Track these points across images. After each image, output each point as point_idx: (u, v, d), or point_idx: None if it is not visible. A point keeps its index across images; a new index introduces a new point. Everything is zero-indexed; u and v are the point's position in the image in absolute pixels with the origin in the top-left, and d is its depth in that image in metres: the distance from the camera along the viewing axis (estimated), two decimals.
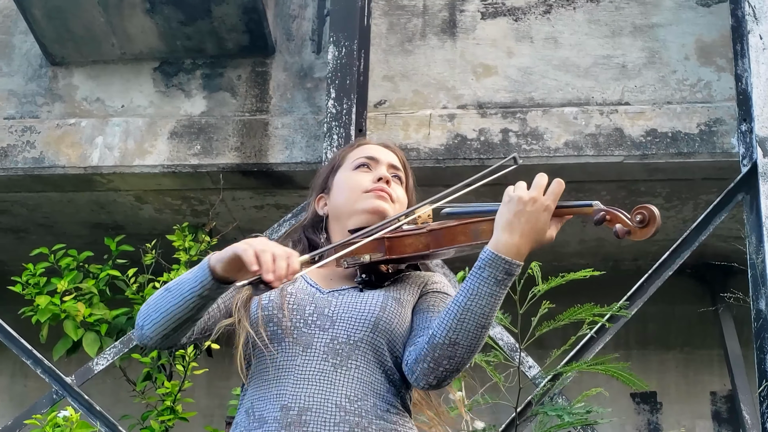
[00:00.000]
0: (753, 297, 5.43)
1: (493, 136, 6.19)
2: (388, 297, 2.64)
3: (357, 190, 2.82)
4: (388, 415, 2.54)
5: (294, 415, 2.46)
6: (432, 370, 2.47)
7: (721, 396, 8.03)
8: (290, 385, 2.51)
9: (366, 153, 2.93)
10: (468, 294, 2.40)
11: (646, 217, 2.43)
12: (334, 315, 2.60)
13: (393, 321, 2.60)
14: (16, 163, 6.53)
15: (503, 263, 2.38)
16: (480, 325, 2.42)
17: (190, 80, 6.65)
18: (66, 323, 6.38)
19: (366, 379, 2.54)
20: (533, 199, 2.41)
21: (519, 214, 2.40)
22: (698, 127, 6.12)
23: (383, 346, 2.58)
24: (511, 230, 2.39)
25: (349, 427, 2.46)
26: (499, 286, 2.40)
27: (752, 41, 5.77)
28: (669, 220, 6.90)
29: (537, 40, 6.50)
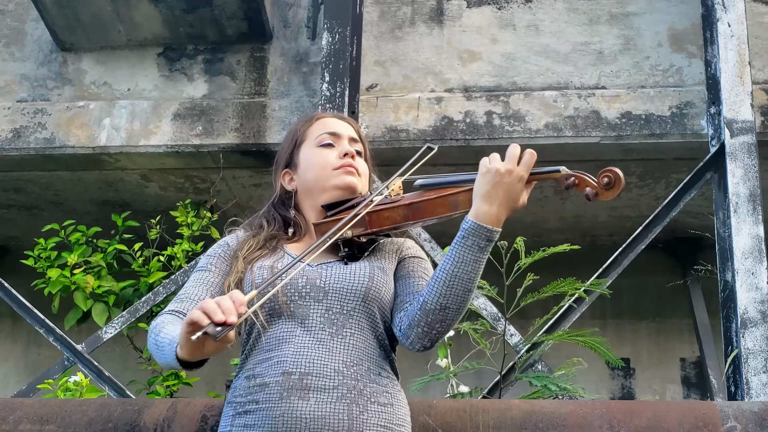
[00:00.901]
0: (720, 269, 5.47)
1: (478, 118, 6.22)
2: (374, 267, 2.71)
3: (326, 167, 2.86)
4: (380, 378, 2.61)
5: (295, 379, 2.52)
6: (426, 333, 2.57)
7: (690, 362, 8.08)
8: (291, 353, 2.56)
9: (327, 129, 2.94)
10: (454, 261, 2.49)
11: (612, 179, 2.49)
12: (326, 286, 2.65)
13: (381, 289, 2.68)
14: (28, 144, 6.54)
15: (485, 231, 2.47)
16: (467, 289, 2.52)
17: (192, 65, 6.67)
18: (76, 295, 6.40)
19: (360, 345, 2.61)
20: (509, 171, 2.48)
21: (497, 186, 2.48)
22: (670, 109, 6.15)
23: (375, 313, 2.66)
24: (490, 200, 2.48)
25: (347, 390, 2.52)
26: (482, 252, 2.49)
27: (721, 29, 5.80)
28: (642, 198, 6.94)
29: (519, 27, 6.53)
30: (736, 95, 5.68)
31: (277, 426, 2.49)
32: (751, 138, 5.58)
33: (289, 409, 2.49)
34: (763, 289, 5.27)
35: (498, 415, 3.17)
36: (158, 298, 5.95)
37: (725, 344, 5.38)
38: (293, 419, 2.48)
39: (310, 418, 2.47)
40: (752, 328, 5.21)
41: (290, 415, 2.48)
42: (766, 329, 5.20)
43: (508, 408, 3.23)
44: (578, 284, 4.56)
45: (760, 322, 5.21)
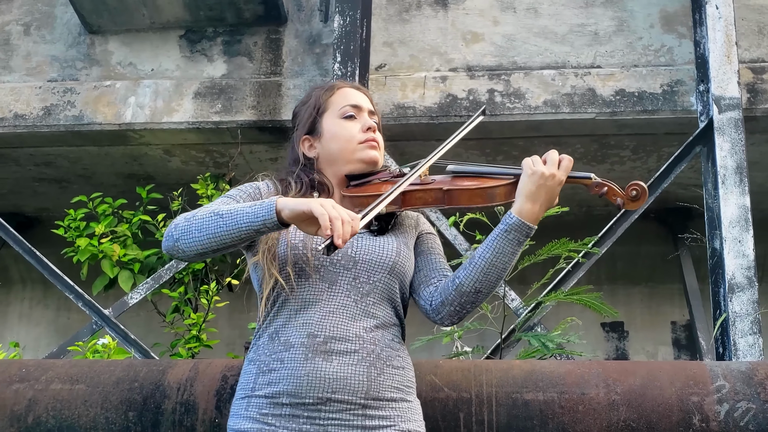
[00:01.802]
0: (709, 237, 5.47)
1: (481, 96, 6.21)
2: (401, 243, 2.73)
3: (352, 141, 2.83)
4: (393, 344, 2.65)
5: (320, 342, 2.54)
6: (457, 312, 2.69)
7: (681, 325, 8.08)
8: (317, 316, 2.58)
9: (349, 100, 2.90)
10: (494, 251, 2.59)
11: (639, 193, 2.57)
12: (357, 256, 2.65)
13: (406, 264, 2.72)
14: (58, 121, 6.54)
15: (527, 228, 2.58)
16: (500, 277, 2.63)
17: (212, 46, 6.65)
18: (103, 262, 6.42)
19: (379, 313, 2.64)
20: (552, 175, 2.57)
21: (540, 187, 2.56)
22: (661, 87, 6.13)
23: (396, 286, 2.69)
24: (534, 200, 2.57)
25: (366, 353, 2.55)
26: (520, 245, 2.59)
27: (709, 11, 5.78)
28: (635, 170, 6.92)
29: (519, 10, 6.50)
30: (723, 73, 5.67)
31: (302, 384, 2.50)
32: (738, 114, 5.57)
33: (314, 370, 2.51)
34: (749, 255, 5.27)
35: (500, 375, 3.17)
36: (180, 266, 5.97)
37: (714, 308, 5.38)
38: (317, 379, 2.50)
39: (333, 378, 2.50)
40: (739, 293, 5.21)
41: (314, 375, 2.50)
42: (752, 294, 5.19)
43: (509, 368, 3.23)
44: (571, 245, 4.56)
45: (747, 287, 5.21)
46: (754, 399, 3.03)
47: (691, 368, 3.18)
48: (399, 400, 2.58)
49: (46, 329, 8.70)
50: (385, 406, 2.54)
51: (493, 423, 3.05)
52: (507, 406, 3.08)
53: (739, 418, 3.01)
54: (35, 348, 8.45)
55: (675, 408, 3.03)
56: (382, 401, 2.53)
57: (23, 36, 6.90)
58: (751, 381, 3.09)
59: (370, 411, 2.51)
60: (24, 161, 7.19)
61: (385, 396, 2.54)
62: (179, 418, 3.18)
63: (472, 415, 3.06)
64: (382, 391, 2.53)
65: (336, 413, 2.49)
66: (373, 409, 2.52)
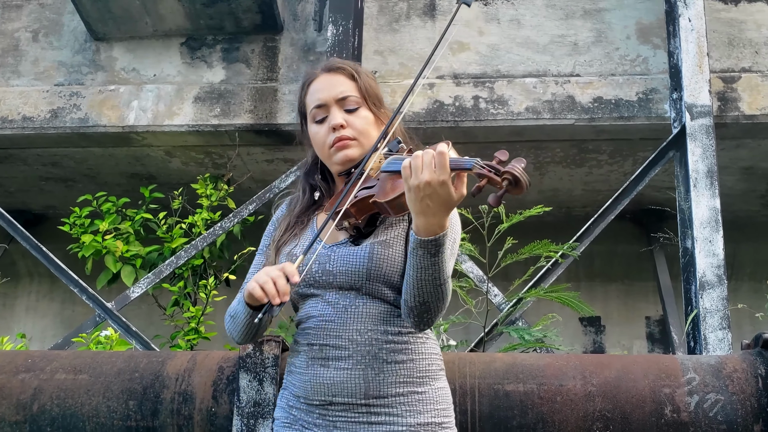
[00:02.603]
0: (681, 237, 5.48)
1: (466, 102, 6.21)
2: (374, 245, 2.60)
3: (324, 147, 2.73)
4: (398, 338, 2.57)
5: (316, 350, 2.57)
6: (419, 321, 2.50)
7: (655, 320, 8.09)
8: (313, 327, 2.60)
9: (315, 101, 2.76)
10: (415, 268, 2.39)
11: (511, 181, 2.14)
12: (334, 269, 2.61)
13: (382, 265, 2.57)
14: (65, 123, 6.53)
15: (429, 243, 2.33)
16: (437, 285, 2.42)
17: (211, 53, 6.64)
18: (107, 258, 6.41)
19: (372, 312, 2.57)
20: (427, 183, 2.24)
21: (423, 199, 2.26)
22: (637, 95, 6.14)
23: (380, 286, 2.59)
24: (424, 214, 2.29)
25: (361, 357, 2.52)
26: (435, 255, 2.36)
27: (682, 23, 5.79)
28: (612, 174, 6.93)
29: (503, 21, 6.50)
30: (695, 82, 5.68)
31: (306, 389, 2.56)
32: (709, 121, 5.59)
33: (314, 376, 2.55)
34: (719, 255, 5.28)
35: (483, 367, 3.17)
36: (180, 262, 5.96)
37: (686, 304, 5.39)
38: (318, 384, 2.54)
39: (331, 383, 2.52)
40: (710, 290, 5.22)
41: (315, 381, 2.54)
42: (722, 291, 5.20)
43: (492, 360, 3.23)
44: (552, 246, 4.57)
45: (717, 285, 5.22)
46: (722, 391, 3.04)
47: (663, 361, 3.19)
48: (407, 393, 2.53)
49: (51, 321, 8.68)
50: (391, 402, 2.50)
51: (476, 413, 3.05)
52: (489, 397, 3.08)
53: (708, 408, 3.01)
54: (41, 339, 8.43)
55: (648, 399, 3.03)
56: (386, 398, 2.50)
57: (32, 42, 6.88)
58: (720, 374, 3.09)
59: (374, 408, 2.50)
60: (32, 161, 7.17)
61: (389, 392, 2.50)
62: (177, 407, 3.17)
63: (456, 405, 3.06)
64: (383, 388, 2.50)
65: (341, 413, 2.51)
66: (377, 406, 2.50)
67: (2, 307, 8.55)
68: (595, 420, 3.02)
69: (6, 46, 6.90)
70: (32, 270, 8.68)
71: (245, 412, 3.09)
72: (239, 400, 3.10)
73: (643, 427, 3.00)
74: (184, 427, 3.15)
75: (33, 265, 8.53)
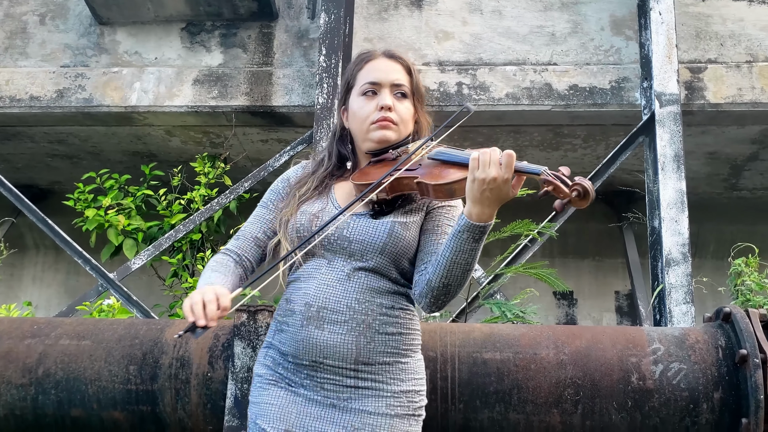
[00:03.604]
0: (649, 217, 5.50)
1: (450, 88, 6.20)
2: (395, 223, 2.60)
3: (366, 120, 2.70)
4: (391, 311, 2.58)
5: (314, 310, 2.53)
6: (433, 303, 2.52)
7: (623, 294, 8.12)
8: (314, 287, 2.57)
9: (370, 77, 2.75)
10: (453, 250, 2.41)
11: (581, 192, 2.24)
12: (351, 236, 2.59)
13: (398, 244, 2.58)
14: (70, 103, 6.51)
15: (477, 228, 2.37)
16: (466, 270, 2.45)
17: (210, 38, 6.61)
18: (109, 231, 6.40)
19: (374, 285, 2.57)
20: (493, 179, 2.30)
21: (484, 192, 2.32)
22: (610, 83, 6.14)
23: (389, 263, 2.59)
24: (480, 204, 2.34)
25: (356, 324, 2.52)
26: (477, 242, 2.40)
27: (653, 16, 5.80)
28: (585, 157, 6.94)
29: (486, 12, 6.49)
30: (664, 72, 5.69)
31: (298, 348, 2.54)
32: (677, 108, 5.60)
33: (308, 336, 2.52)
34: (684, 234, 5.30)
35: (463, 336, 3.18)
36: (178, 235, 5.96)
37: (652, 280, 5.42)
38: (310, 345, 2.52)
39: (324, 345, 2.50)
40: (675, 267, 5.24)
41: (308, 341, 2.52)
42: (686, 268, 5.23)
43: (471, 330, 3.23)
44: (532, 225, 4.58)
45: (682, 262, 5.24)
46: (685, 360, 3.05)
47: (630, 333, 3.20)
48: (392, 363, 2.54)
49: (56, 290, 8.67)
50: (378, 369, 2.52)
51: (455, 379, 3.06)
52: (468, 364, 3.09)
53: (672, 377, 3.03)
54: (47, 307, 8.42)
55: (616, 367, 3.05)
56: (373, 365, 2.52)
57: (39, 25, 6.84)
58: (684, 344, 3.11)
59: (361, 374, 2.51)
60: (38, 138, 7.14)
61: (376, 360, 2.52)
62: (175, 372, 3.17)
63: (437, 371, 3.07)
64: (372, 356, 2.51)
65: (329, 374, 2.51)
66: (364, 372, 2.51)
67: (10, 277, 8.52)
68: (566, 386, 3.04)
69: (14, 28, 6.86)
70: (38, 242, 8.66)
71: (239, 377, 3.10)
72: (234, 366, 3.10)
73: (611, 393, 3.02)
74: (181, 391, 3.16)
75: (39, 238, 8.51)
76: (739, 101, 6.05)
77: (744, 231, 6.98)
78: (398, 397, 2.52)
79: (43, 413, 3.22)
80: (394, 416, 2.50)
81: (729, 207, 7.71)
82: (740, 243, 5.43)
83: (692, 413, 2.99)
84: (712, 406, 2.99)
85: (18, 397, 3.20)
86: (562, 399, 3.03)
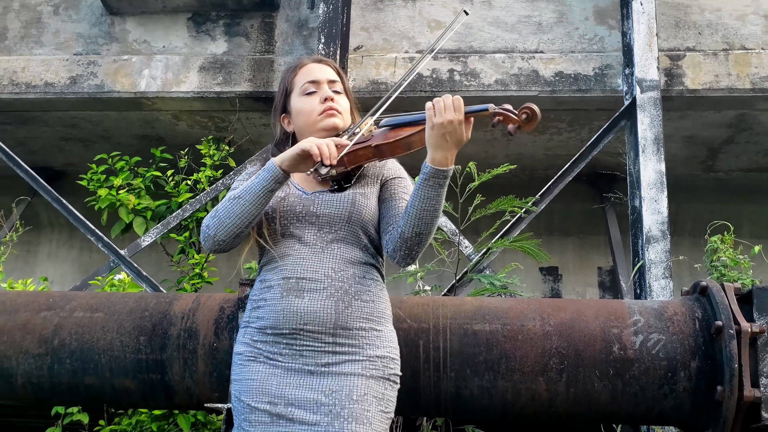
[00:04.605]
0: (630, 197, 5.51)
1: (442, 75, 6.18)
2: (356, 194, 2.68)
3: (312, 114, 2.78)
4: (363, 281, 2.62)
5: (293, 282, 2.57)
6: (408, 254, 2.59)
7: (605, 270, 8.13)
8: (290, 263, 2.60)
9: (308, 77, 2.84)
10: (421, 198, 2.48)
11: (530, 115, 2.48)
12: (318, 211, 2.65)
13: (362, 212, 2.67)
14: (82, 89, 6.49)
15: (441, 173, 2.46)
16: (434, 217, 2.52)
17: (215, 28, 6.59)
18: (120, 210, 6.39)
19: (346, 255, 2.62)
20: (450, 121, 2.44)
21: (444, 136, 2.44)
22: (593, 70, 6.13)
23: (358, 231, 2.66)
24: (441, 148, 2.45)
25: (334, 290, 2.56)
26: (441, 187, 2.48)
27: (635, 7, 5.78)
28: (570, 140, 6.93)
29: (476, 2, 6.46)
30: (645, 60, 5.68)
31: (279, 318, 2.55)
32: (657, 94, 5.60)
33: (288, 305, 2.55)
34: (663, 213, 5.31)
35: (454, 309, 3.19)
36: (185, 214, 5.95)
37: (633, 256, 5.43)
38: (291, 313, 2.54)
39: (304, 312, 2.53)
40: (654, 244, 5.25)
41: (289, 309, 2.54)
42: (665, 245, 5.24)
43: (462, 303, 3.24)
44: (516, 201, 4.57)
45: (661, 239, 5.25)
46: (663, 331, 3.07)
47: (612, 305, 3.21)
48: (368, 329, 2.57)
49: (70, 266, 8.66)
50: (355, 334, 2.54)
51: (447, 349, 3.07)
52: (459, 335, 3.10)
53: (651, 347, 3.04)
54: (61, 282, 8.41)
55: (598, 338, 3.06)
56: (351, 330, 2.54)
57: (53, 15, 6.82)
58: (662, 316, 3.12)
59: (339, 339, 2.53)
60: (53, 123, 7.12)
61: (353, 326, 2.55)
62: (183, 342, 3.18)
63: (430, 342, 3.08)
64: (350, 321, 2.54)
65: (309, 341, 2.53)
66: (342, 337, 2.53)
67: (26, 254, 8.51)
68: (551, 356, 3.05)
69: (30, 18, 6.83)
70: (53, 220, 8.65)
71: None
72: None
73: (594, 362, 3.03)
74: (189, 360, 3.16)
75: (54, 216, 8.49)
76: (716, 87, 6.04)
77: (720, 210, 6.98)
78: (373, 361, 2.55)
79: (58, 381, 3.23)
80: (370, 377, 2.52)
81: (706, 187, 7.71)
82: (716, 221, 5.43)
83: (670, 381, 3.01)
84: (690, 375, 3.00)
85: (35, 366, 3.21)
86: (548, 368, 3.04)
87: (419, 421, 4.49)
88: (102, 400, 3.33)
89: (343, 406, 2.45)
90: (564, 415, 3.11)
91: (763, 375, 2.94)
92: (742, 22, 6.24)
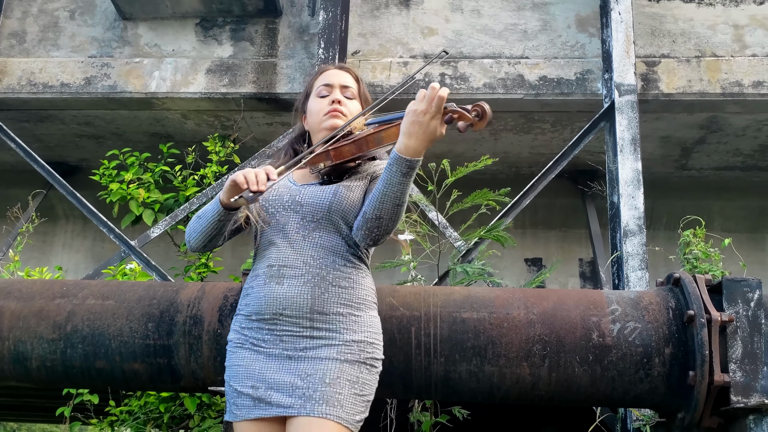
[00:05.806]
0: (609, 193, 5.51)
1: (434, 78, 6.17)
2: (340, 186, 2.67)
3: (320, 113, 2.81)
4: (344, 268, 2.60)
5: (275, 269, 2.58)
6: (367, 235, 2.54)
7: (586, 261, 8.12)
8: (274, 251, 2.62)
9: (323, 81, 2.87)
10: (384, 183, 2.44)
11: (480, 113, 2.33)
12: (302, 200, 2.65)
13: (343, 202, 2.63)
14: (96, 89, 6.48)
15: (405, 161, 2.38)
16: (395, 204, 2.45)
17: (221, 33, 6.58)
18: (131, 203, 6.38)
19: (327, 244, 2.61)
20: (423, 111, 2.34)
21: (414, 124, 2.36)
22: (575, 75, 6.13)
23: (338, 220, 2.63)
24: (409, 136, 2.37)
25: (312, 277, 2.56)
26: (405, 176, 2.40)
27: (614, 16, 5.78)
28: (554, 140, 6.92)
29: (466, 11, 6.46)
30: (623, 66, 5.68)
31: (261, 304, 2.57)
32: (634, 97, 5.62)
33: (270, 291, 2.56)
34: (639, 208, 5.31)
35: (444, 298, 3.17)
36: (192, 207, 5.94)
37: (611, 248, 5.43)
38: (271, 299, 2.55)
39: (283, 297, 2.54)
40: (631, 237, 5.25)
41: (270, 295, 2.56)
42: (641, 238, 5.24)
43: (451, 292, 3.23)
44: (490, 194, 4.52)
45: (638, 233, 5.25)
46: (639, 320, 3.06)
47: (592, 295, 3.20)
48: (346, 314, 2.54)
49: (84, 256, 8.63)
50: (332, 319, 2.52)
51: (437, 336, 3.06)
52: (448, 323, 3.08)
53: (628, 334, 3.03)
54: (75, 271, 8.39)
55: (579, 326, 3.05)
56: (327, 315, 2.52)
57: (69, 20, 6.80)
58: (638, 306, 3.11)
59: (316, 324, 2.52)
60: (68, 121, 7.10)
61: (330, 311, 2.53)
62: (189, 328, 3.16)
63: (421, 329, 3.06)
64: (326, 306, 2.52)
65: (288, 326, 2.53)
66: (320, 321, 2.52)
67: (42, 244, 8.48)
68: (535, 342, 3.04)
69: (47, 23, 6.81)
70: (68, 212, 8.61)
71: None
72: None
73: (575, 348, 3.02)
74: (194, 346, 3.15)
75: (68, 209, 8.46)
76: (689, 91, 6.06)
77: (692, 206, 6.98)
78: (349, 345, 2.51)
79: (71, 365, 3.21)
80: (344, 361, 2.48)
81: (679, 185, 7.71)
82: (689, 216, 5.43)
83: (646, 366, 3.00)
84: (664, 360, 2.99)
85: (49, 350, 3.19)
86: (531, 353, 3.03)
87: (411, 403, 4.49)
88: (112, 383, 3.31)
89: (316, 389, 2.42)
90: (546, 397, 3.10)
91: (732, 361, 2.93)
92: (713, 31, 6.25)
